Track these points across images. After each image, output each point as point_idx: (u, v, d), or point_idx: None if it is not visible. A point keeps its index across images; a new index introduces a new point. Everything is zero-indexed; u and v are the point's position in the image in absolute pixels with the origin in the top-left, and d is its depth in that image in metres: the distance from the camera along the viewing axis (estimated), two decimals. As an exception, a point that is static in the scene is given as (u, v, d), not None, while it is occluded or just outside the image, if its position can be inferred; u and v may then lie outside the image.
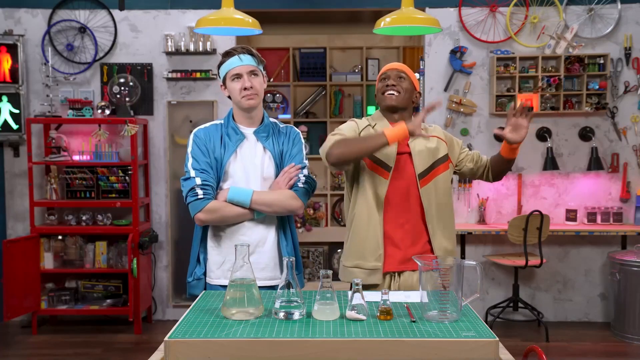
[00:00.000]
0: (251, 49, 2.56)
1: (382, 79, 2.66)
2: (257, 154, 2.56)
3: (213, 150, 2.53)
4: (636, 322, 4.90)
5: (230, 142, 2.54)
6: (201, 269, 2.58)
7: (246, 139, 2.56)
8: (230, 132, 2.55)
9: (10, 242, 4.96)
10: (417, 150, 2.61)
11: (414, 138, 2.58)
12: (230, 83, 2.53)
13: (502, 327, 5.19)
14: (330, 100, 6.45)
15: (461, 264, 2.02)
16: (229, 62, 2.52)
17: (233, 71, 2.51)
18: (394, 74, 2.63)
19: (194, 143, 2.55)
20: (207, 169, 2.50)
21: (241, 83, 2.51)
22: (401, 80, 2.62)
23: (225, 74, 2.54)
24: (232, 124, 2.57)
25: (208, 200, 2.47)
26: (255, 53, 2.57)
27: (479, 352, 1.80)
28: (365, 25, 6.16)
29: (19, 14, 5.38)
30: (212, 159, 2.52)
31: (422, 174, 2.60)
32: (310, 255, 6.24)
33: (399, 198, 2.59)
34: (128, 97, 5.29)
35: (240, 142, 2.55)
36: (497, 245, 5.42)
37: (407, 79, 2.64)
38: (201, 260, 2.58)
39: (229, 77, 2.53)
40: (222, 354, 1.81)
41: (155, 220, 5.52)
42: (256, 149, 2.57)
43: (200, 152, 2.52)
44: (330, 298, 2.01)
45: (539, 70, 5.22)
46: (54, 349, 4.79)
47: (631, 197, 5.35)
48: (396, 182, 2.59)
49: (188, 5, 5.38)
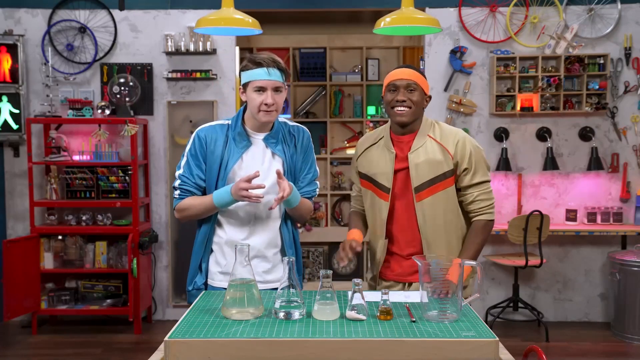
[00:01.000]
0: (281, 63, 2.45)
1: (390, 90, 2.50)
2: (265, 161, 2.51)
3: (213, 151, 2.49)
4: (636, 322, 4.90)
5: (236, 148, 2.48)
6: (202, 278, 2.55)
7: (253, 145, 2.51)
8: (237, 137, 2.49)
9: (10, 242, 4.96)
10: (415, 163, 2.49)
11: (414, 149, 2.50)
12: (252, 93, 2.43)
13: (502, 327, 5.19)
14: (330, 100, 6.45)
15: (461, 264, 2.02)
16: (255, 72, 2.41)
17: (258, 83, 2.41)
18: (403, 85, 2.47)
19: (193, 143, 2.53)
20: (193, 177, 2.50)
21: (263, 98, 2.41)
22: (411, 93, 2.46)
23: (249, 82, 2.44)
24: (240, 128, 2.50)
25: (179, 199, 2.52)
26: (283, 68, 2.46)
27: (479, 352, 1.80)
28: (365, 25, 6.16)
29: (19, 14, 5.38)
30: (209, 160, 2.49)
31: (419, 188, 2.48)
32: (310, 255, 6.24)
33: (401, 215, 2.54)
34: (128, 97, 5.29)
35: (246, 149, 2.50)
36: (497, 245, 5.42)
37: (418, 88, 2.47)
38: (203, 270, 2.56)
39: (251, 86, 2.43)
40: (222, 354, 1.81)
41: (155, 220, 5.52)
42: (264, 156, 2.51)
43: (194, 156, 2.51)
44: (330, 298, 2.01)
45: (539, 70, 5.22)
46: (54, 349, 4.79)
47: (631, 197, 5.35)
48: (397, 201, 2.54)
49: (188, 5, 5.38)
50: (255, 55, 2.45)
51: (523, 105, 5.26)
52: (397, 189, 2.52)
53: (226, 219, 2.53)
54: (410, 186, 2.50)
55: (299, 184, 2.58)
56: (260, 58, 2.43)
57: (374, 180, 2.56)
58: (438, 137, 2.51)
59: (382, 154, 2.55)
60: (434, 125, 2.57)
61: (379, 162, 2.55)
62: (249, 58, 2.45)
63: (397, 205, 2.53)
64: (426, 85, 2.53)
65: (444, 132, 2.53)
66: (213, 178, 2.50)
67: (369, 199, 2.61)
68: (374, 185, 2.56)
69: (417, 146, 2.51)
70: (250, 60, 2.44)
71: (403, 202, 2.52)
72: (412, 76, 2.49)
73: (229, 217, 2.52)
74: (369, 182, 2.59)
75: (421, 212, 2.50)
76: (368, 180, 2.59)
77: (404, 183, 2.52)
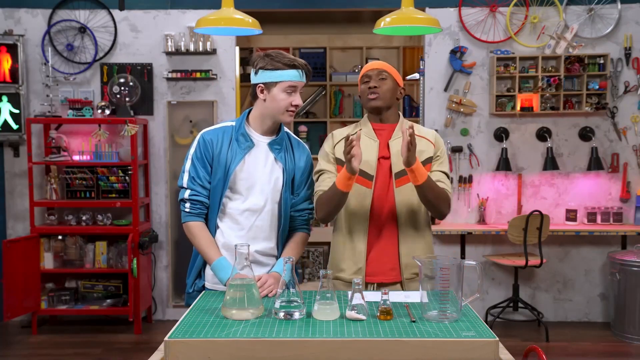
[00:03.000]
0: (309, 67, 2.47)
1: (364, 81, 2.59)
2: (268, 163, 2.49)
3: (218, 154, 2.46)
4: (636, 322, 4.90)
5: (238, 149, 2.46)
6: (202, 281, 2.54)
7: (256, 147, 2.49)
8: (240, 138, 2.47)
9: (10, 242, 4.96)
10: (396, 149, 2.53)
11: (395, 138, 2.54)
12: (280, 93, 2.40)
13: (502, 327, 5.19)
14: (330, 100, 6.45)
15: (461, 264, 2.02)
16: (289, 73, 2.40)
17: (291, 83, 2.40)
18: (375, 74, 2.56)
19: (197, 146, 2.49)
20: (201, 180, 2.46)
21: (292, 99, 2.41)
22: (383, 81, 2.55)
23: (278, 81, 2.40)
24: (244, 130, 2.49)
25: (191, 218, 2.47)
26: (310, 71, 2.48)
27: (479, 352, 1.80)
28: (365, 25, 6.17)
29: (19, 14, 5.38)
30: (215, 164, 2.46)
31: (399, 174, 2.52)
32: (310, 255, 6.24)
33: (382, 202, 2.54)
34: (128, 97, 5.29)
35: (249, 150, 2.47)
36: (497, 245, 5.42)
37: (389, 76, 2.56)
38: (203, 275, 2.54)
39: (282, 86, 2.40)
40: (222, 354, 1.81)
41: (155, 220, 5.52)
42: (266, 160, 2.49)
43: (200, 159, 2.47)
44: (330, 298, 2.01)
45: (539, 70, 5.22)
46: (54, 349, 4.79)
47: (631, 197, 5.35)
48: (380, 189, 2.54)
49: (188, 5, 5.38)
50: (282, 56, 2.42)
51: (523, 105, 5.26)
52: (379, 176, 2.55)
53: (225, 224, 2.51)
54: (391, 172, 2.54)
55: (296, 200, 2.57)
56: (293, 60, 2.42)
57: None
58: (416, 131, 2.58)
59: (364, 142, 2.55)
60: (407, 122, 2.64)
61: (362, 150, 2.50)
62: (275, 58, 2.42)
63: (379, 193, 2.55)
64: (399, 77, 2.62)
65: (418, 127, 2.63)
66: (219, 182, 2.47)
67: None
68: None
69: (397, 135, 2.57)
70: (279, 60, 2.41)
71: (383, 189, 2.54)
72: (382, 66, 2.59)
73: (229, 222, 2.51)
74: None
75: (400, 197, 2.53)
76: None
77: (385, 170, 2.55)
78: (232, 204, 2.49)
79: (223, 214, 2.51)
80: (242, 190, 2.48)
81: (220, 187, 2.47)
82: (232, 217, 2.50)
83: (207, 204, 2.49)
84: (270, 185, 2.48)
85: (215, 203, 2.49)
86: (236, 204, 2.49)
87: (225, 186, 2.46)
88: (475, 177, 5.41)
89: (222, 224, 2.51)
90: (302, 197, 2.58)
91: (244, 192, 2.48)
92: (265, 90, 2.43)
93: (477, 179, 5.41)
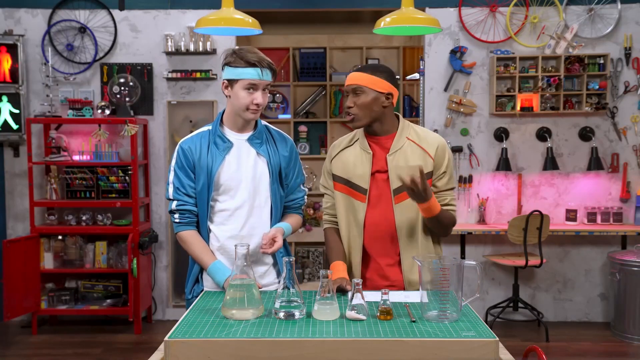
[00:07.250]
0: (273, 65, 2.43)
1: (345, 96, 2.49)
2: (250, 159, 2.48)
3: (199, 160, 2.46)
4: (636, 322, 4.90)
5: (217, 151, 2.46)
6: (200, 286, 2.54)
7: (235, 145, 2.48)
8: (217, 140, 2.47)
9: (10, 242, 4.96)
10: (394, 165, 2.42)
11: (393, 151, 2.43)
12: (240, 90, 2.39)
13: (502, 327, 5.19)
14: (330, 100, 6.45)
15: (461, 264, 2.02)
16: (248, 71, 2.37)
17: (250, 81, 2.38)
18: (349, 90, 2.43)
19: (177, 156, 2.49)
20: (185, 189, 2.46)
21: (253, 97, 2.39)
22: (357, 97, 2.41)
23: (239, 79, 2.39)
24: (219, 132, 2.48)
25: (182, 227, 2.48)
26: (275, 68, 2.44)
27: (479, 352, 1.80)
28: (365, 25, 6.16)
29: (19, 14, 5.38)
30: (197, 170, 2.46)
31: (398, 190, 2.43)
32: (310, 255, 6.24)
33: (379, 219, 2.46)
34: (128, 97, 5.29)
35: (228, 150, 2.47)
36: (497, 245, 5.42)
37: (365, 90, 2.40)
38: (201, 280, 2.54)
39: (242, 84, 2.38)
40: (222, 354, 1.81)
41: (155, 220, 5.52)
42: (248, 155, 2.49)
43: (182, 168, 2.47)
44: (330, 298, 2.01)
45: (539, 70, 5.22)
46: (54, 349, 4.79)
47: (631, 197, 5.35)
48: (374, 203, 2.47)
49: (188, 5, 5.38)
50: (246, 53, 2.39)
51: (523, 105, 5.26)
52: (374, 190, 2.47)
53: (218, 227, 2.50)
54: (389, 188, 2.45)
55: (287, 190, 2.58)
56: (255, 58, 2.38)
57: (349, 182, 2.49)
58: (417, 139, 2.47)
59: (358, 155, 2.49)
60: (411, 127, 2.52)
61: (355, 164, 2.48)
62: (239, 54, 2.39)
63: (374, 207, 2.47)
64: (380, 84, 2.41)
65: (423, 135, 2.50)
66: (203, 186, 2.46)
67: (343, 202, 2.52)
68: (349, 188, 2.49)
69: (395, 148, 2.45)
70: (241, 57, 2.38)
71: (381, 204, 2.46)
72: (356, 80, 2.42)
73: (221, 224, 2.50)
74: (344, 184, 2.51)
75: (400, 214, 2.44)
76: (343, 183, 2.51)
77: (381, 185, 2.46)
78: (220, 205, 2.49)
79: (214, 217, 2.50)
80: (228, 190, 2.48)
81: (205, 191, 2.46)
82: (224, 219, 2.49)
83: (195, 212, 2.49)
84: (256, 180, 2.48)
85: (204, 208, 2.48)
86: (225, 205, 2.49)
87: (211, 190, 2.46)
88: (475, 177, 5.41)
89: (215, 227, 2.51)
90: (292, 187, 2.60)
91: (230, 192, 2.48)
92: (229, 86, 2.43)
93: (477, 179, 5.41)
